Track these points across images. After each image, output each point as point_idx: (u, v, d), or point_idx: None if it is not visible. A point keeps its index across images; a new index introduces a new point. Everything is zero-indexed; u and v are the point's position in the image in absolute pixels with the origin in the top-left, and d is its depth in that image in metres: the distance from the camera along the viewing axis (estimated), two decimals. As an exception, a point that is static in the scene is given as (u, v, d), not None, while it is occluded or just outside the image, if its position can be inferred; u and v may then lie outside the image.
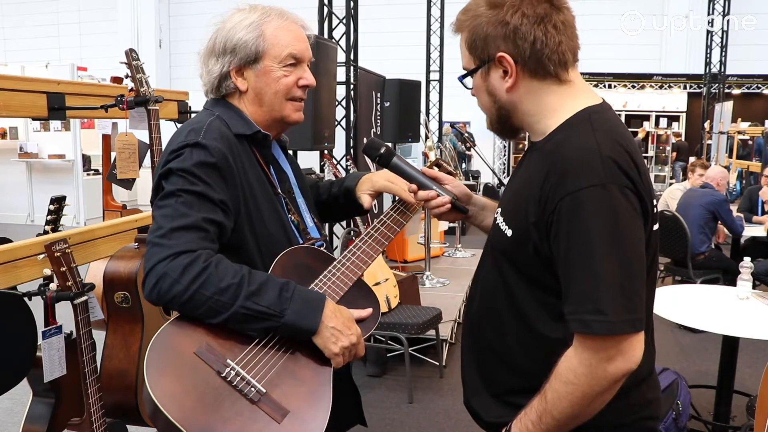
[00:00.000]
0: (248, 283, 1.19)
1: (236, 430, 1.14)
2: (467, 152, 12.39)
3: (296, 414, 1.19)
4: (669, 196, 5.97)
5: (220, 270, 1.19)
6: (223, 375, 1.17)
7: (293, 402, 1.20)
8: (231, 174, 1.30)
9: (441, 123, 10.73)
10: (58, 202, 2.30)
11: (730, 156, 9.85)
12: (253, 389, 1.18)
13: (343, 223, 5.59)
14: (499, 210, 1.27)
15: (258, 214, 1.35)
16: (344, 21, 5.35)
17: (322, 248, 1.45)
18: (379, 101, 6.40)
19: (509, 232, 1.18)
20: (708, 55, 11.49)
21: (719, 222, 5.17)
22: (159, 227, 1.22)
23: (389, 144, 6.66)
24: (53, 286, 1.68)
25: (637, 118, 14.06)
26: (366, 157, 1.94)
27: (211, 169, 1.27)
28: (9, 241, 2.00)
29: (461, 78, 1.25)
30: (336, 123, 5.25)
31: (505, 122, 1.24)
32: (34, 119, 2.09)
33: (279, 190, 1.43)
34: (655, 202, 1.15)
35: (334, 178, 4.34)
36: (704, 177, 5.50)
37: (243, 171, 1.34)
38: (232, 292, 1.18)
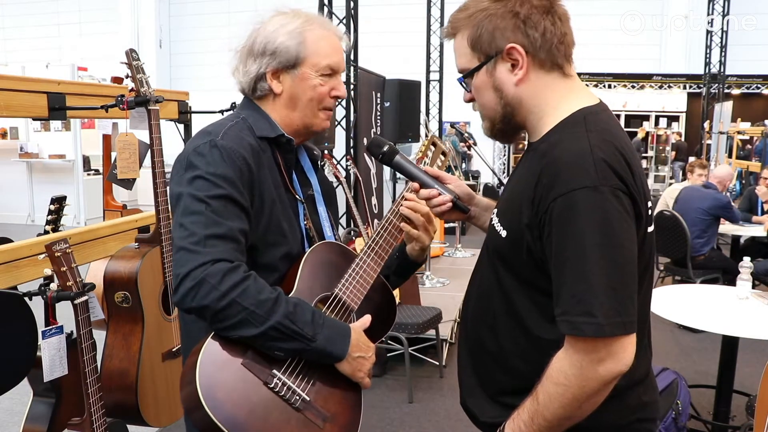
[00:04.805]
0: (285, 302, 1.21)
1: None
2: (468, 152, 12.40)
3: (334, 417, 1.27)
4: (669, 196, 5.95)
5: (258, 283, 1.20)
6: (271, 386, 1.21)
7: (331, 406, 1.28)
8: (251, 178, 1.29)
9: (441, 123, 10.74)
10: (59, 202, 2.31)
11: (730, 156, 9.84)
12: (298, 398, 1.23)
13: (343, 223, 5.60)
14: (496, 210, 1.27)
15: (273, 219, 1.35)
16: (344, 21, 5.36)
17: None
18: (379, 101, 6.40)
19: (504, 233, 1.18)
20: (708, 55, 11.47)
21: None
22: (191, 233, 1.19)
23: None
24: (54, 286, 1.68)
25: (636, 118, 14.05)
26: (369, 154, 1.95)
27: (234, 171, 1.25)
28: (9, 241, 2.01)
29: (462, 79, 1.21)
30: (336, 123, 5.26)
31: (508, 121, 1.21)
32: (34, 119, 2.10)
33: (299, 196, 1.44)
34: (650, 204, 1.15)
35: (333, 178, 4.36)
36: (710, 176, 5.41)
37: (262, 174, 1.33)
38: (270, 307, 1.18)
